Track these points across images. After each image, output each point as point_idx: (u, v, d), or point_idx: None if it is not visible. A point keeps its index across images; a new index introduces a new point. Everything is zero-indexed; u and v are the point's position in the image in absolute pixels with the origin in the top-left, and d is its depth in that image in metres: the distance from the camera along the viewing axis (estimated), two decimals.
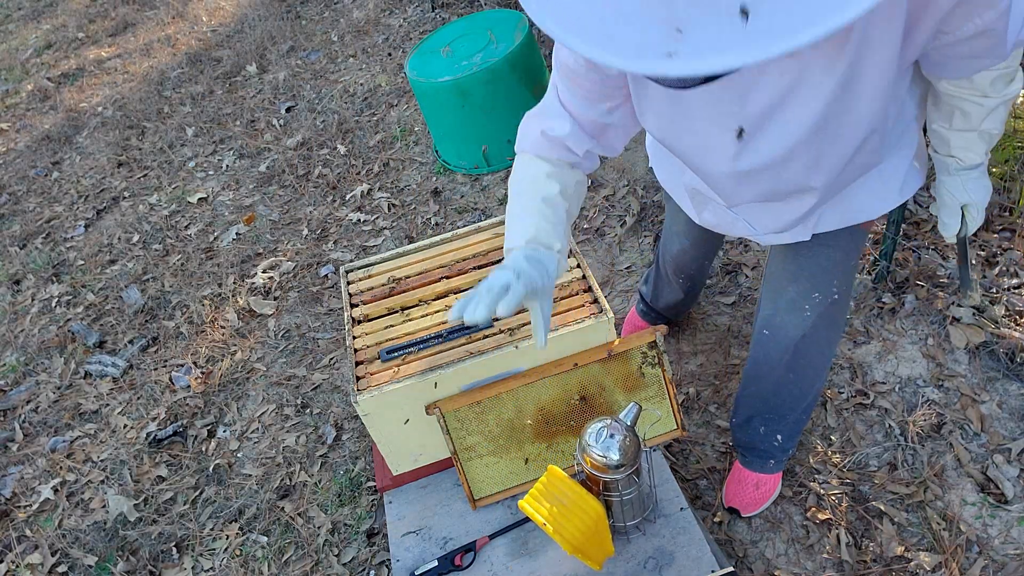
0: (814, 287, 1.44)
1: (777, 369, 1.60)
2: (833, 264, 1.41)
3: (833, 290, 1.45)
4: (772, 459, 1.78)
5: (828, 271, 1.42)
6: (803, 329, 1.50)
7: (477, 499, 1.73)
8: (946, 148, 1.26)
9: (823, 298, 1.45)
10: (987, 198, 1.28)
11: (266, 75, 4.51)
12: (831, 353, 1.60)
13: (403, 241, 2.99)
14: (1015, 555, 1.64)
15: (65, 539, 2.24)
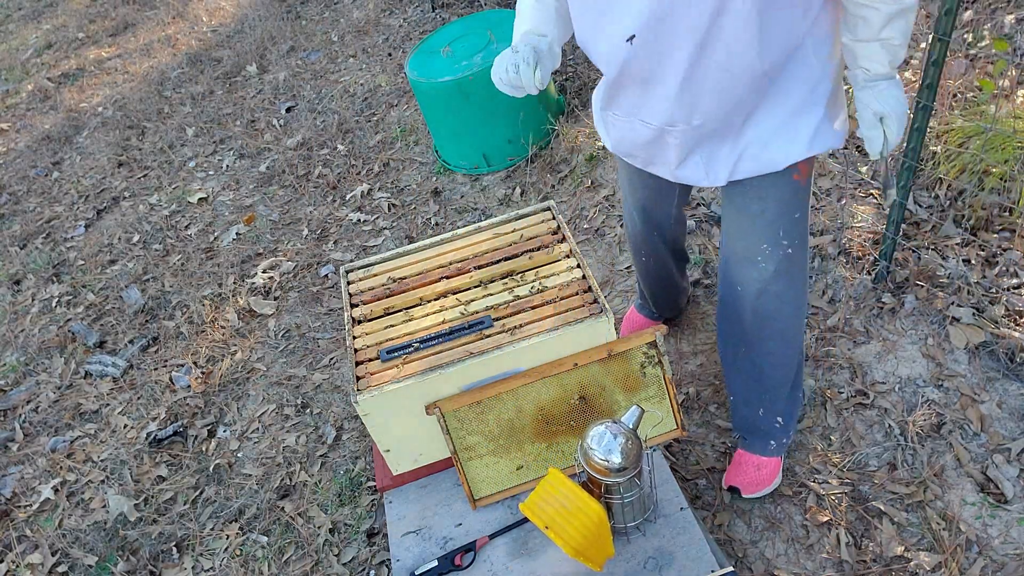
0: (761, 239, 1.52)
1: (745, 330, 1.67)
2: (773, 216, 1.49)
3: (783, 242, 1.52)
4: (772, 440, 1.80)
5: (770, 223, 1.50)
6: (759, 283, 1.57)
7: (477, 499, 1.73)
8: (855, 61, 1.33)
9: (772, 249, 1.52)
10: (902, 111, 1.32)
11: (266, 75, 4.51)
12: (795, 313, 1.63)
13: (403, 241, 2.99)
14: (1015, 555, 1.64)
15: (65, 539, 2.24)
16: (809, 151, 1.42)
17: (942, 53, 1.68)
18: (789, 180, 1.47)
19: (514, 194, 3.03)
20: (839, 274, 2.26)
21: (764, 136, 1.40)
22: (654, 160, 1.53)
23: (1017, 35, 2.56)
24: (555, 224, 1.89)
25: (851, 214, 2.38)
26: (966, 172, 2.23)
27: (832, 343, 2.12)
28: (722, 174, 1.46)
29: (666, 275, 2.06)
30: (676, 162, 1.47)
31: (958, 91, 2.44)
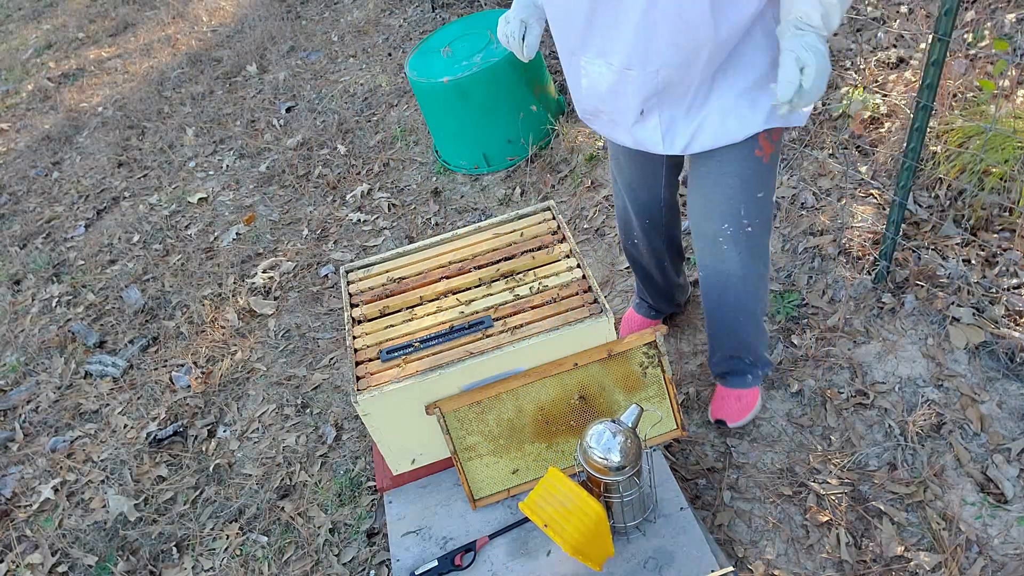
0: (722, 218, 1.60)
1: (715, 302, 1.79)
2: (734, 192, 1.56)
3: (744, 221, 1.60)
4: (748, 375, 1.96)
5: (732, 200, 1.57)
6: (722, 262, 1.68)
7: (477, 499, 1.73)
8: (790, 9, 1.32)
9: (735, 229, 1.61)
10: (826, 66, 1.31)
11: (266, 75, 4.51)
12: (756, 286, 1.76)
13: (403, 241, 2.99)
14: (1015, 555, 1.64)
15: (65, 539, 2.24)
16: (767, 123, 1.46)
17: (942, 53, 1.68)
18: (751, 156, 1.52)
19: (514, 194, 3.03)
20: (839, 274, 2.26)
21: (723, 107, 1.45)
22: (616, 118, 1.54)
23: (1017, 35, 2.56)
24: (555, 224, 1.89)
25: (851, 214, 2.38)
26: (966, 172, 2.23)
27: (832, 343, 2.13)
28: (679, 141, 1.50)
29: (656, 263, 2.06)
30: (634, 118, 1.49)
31: (958, 91, 2.44)
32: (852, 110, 2.61)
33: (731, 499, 1.88)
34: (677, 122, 1.48)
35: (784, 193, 2.55)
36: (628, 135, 1.56)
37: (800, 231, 2.43)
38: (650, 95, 1.45)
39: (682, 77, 1.40)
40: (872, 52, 2.82)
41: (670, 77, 1.40)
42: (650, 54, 1.38)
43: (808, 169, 2.59)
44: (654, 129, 1.50)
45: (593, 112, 1.59)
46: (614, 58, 1.42)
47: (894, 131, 2.52)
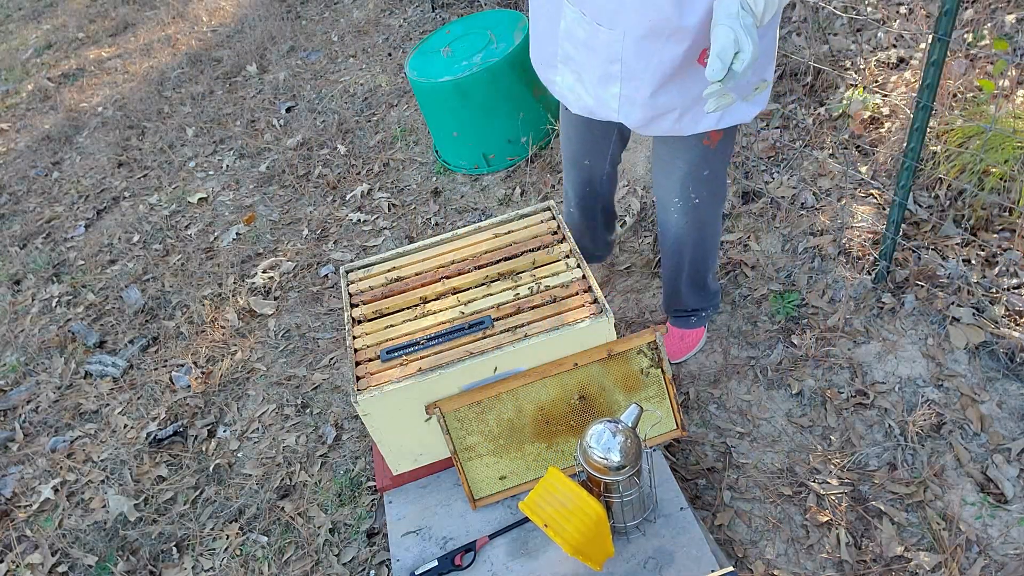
0: (673, 192, 1.81)
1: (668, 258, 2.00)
2: (682, 173, 1.75)
3: (691, 195, 1.80)
4: (692, 317, 2.18)
5: (680, 179, 1.77)
6: (675, 227, 1.88)
7: (477, 499, 1.73)
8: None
9: (682, 202, 1.82)
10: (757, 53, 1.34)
11: (266, 75, 4.51)
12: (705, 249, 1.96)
13: (403, 241, 2.99)
14: (1015, 555, 1.64)
15: (65, 539, 2.24)
16: (717, 126, 1.60)
17: (942, 53, 1.68)
18: (699, 145, 1.69)
19: (514, 194, 3.03)
20: (839, 274, 2.26)
21: (683, 104, 1.55)
22: (583, 72, 1.60)
23: (1017, 35, 2.56)
24: (555, 224, 1.89)
25: (851, 214, 2.38)
26: (966, 172, 2.23)
27: (832, 343, 2.13)
28: (633, 116, 1.59)
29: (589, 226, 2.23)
30: (597, 79, 1.57)
31: (958, 91, 2.44)
32: (852, 110, 2.61)
33: (731, 499, 1.88)
34: (636, 101, 1.56)
35: (784, 193, 2.55)
36: (590, 93, 1.62)
37: (800, 231, 2.43)
38: (615, 59, 1.51)
39: (645, 51, 1.46)
40: (872, 52, 2.82)
41: (635, 47, 1.47)
42: (618, 16, 1.44)
43: (808, 169, 2.59)
44: (614, 97, 1.58)
45: (565, 58, 1.63)
46: (588, 8, 1.50)
47: (894, 131, 2.53)
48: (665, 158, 1.76)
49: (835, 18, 2.95)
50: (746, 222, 2.55)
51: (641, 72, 1.51)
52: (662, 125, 1.60)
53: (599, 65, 1.55)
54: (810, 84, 2.82)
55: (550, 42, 1.64)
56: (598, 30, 1.49)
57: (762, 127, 2.80)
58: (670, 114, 1.57)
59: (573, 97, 1.67)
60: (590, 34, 1.52)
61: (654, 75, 1.50)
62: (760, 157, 2.71)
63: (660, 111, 1.56)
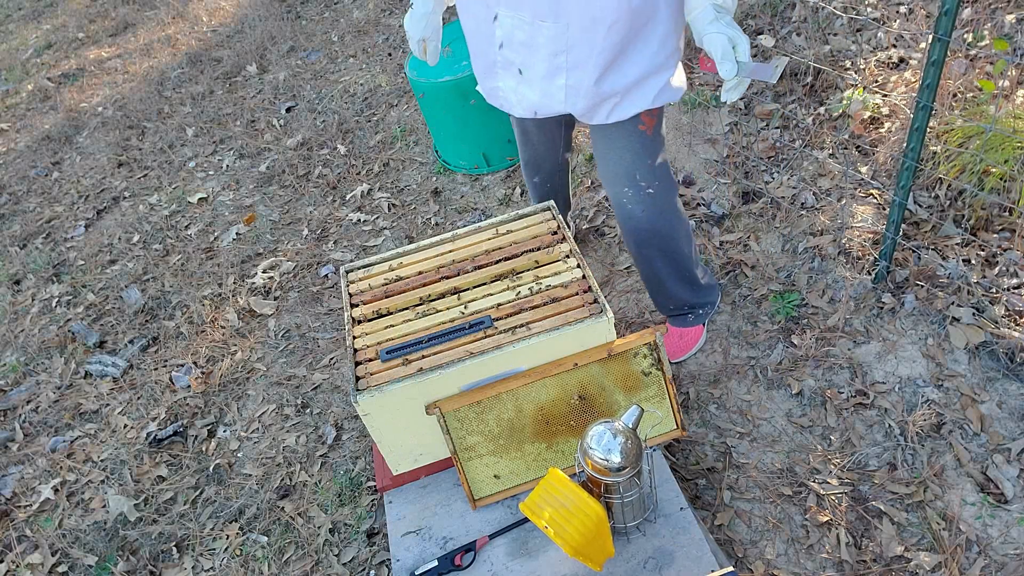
0: (623, 183, 1.83)
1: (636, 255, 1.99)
2: (627, 163, 1.79)
3: (642, 184, 1.81)
4: (689, 315, 2.18)
5: (628, 169, 1.80)
6: (631, 220, 1.88)
7: (477, 499, 1.73)
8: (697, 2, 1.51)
9: (634, 192, 1.83)
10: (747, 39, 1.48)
11: (266, 75, 4.51)
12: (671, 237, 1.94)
13: (403, 241, 2.99)
14: (1015, 555, 1.64)
15: (65, 539, 2.24)
16: (654, 103, 1.68)
17: (942, 53, 1.68)
18: (636, 131, 1.74)
19: (514, 194, 3.03)
20: (839, 274, 2.26)
21: (625, 86, 1.64)
22: (527, 73, 1.67)
23: (1017, 35, 2.56)
24: (555, 224, 1.89)
25: (851, 214, 2.38)
26: (966, 172, 2.23)
27: (832, 343, 2.13)
28: (578, 105, 1.67)
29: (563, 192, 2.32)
30: (543, 74, 1.64)
31: (958, 91, 2.44)
32: (852, 110, 2.61)
33: (731, 499, 1.88)
34: (581, 90, 1.63)
35: (784, 193, 2.55)
36: (536, 91, 1.68)
37: (800, 231, 2.43)
38: (560, 51, 1.59)
39: (590, 38, 1.54)
40: (872, 52, 2.82)
41: (579, 37, 1.55)
42: (562, 8, 1.52)
43: (808, 169, 2.60)
44: (560, 89, 1.65)
45: (505, 63, 1.69)
46: (525, 11, 1.57)
47: (894, 131, 2.53)
48: (608, 152, 1.82)
49: (835, 18, 2.95)
50: (746, 222, 2.55)
51: (586, 60, 1.58)
52: (603, 111, 1.69)
53: (544, 60, 1.62)
54: (810, 84, 2.82)
55: (488, 52, 1.71)
56: (540, 27, 1.56)
57: (762, 127, 2.80)
58: (612, 99, 1.66)
59: (516, 99, 1.74)
60: (530, 33, 1.59)
61: (598, 62, 1.58)
62: (760, 157, 2.71)
63: (603, 97, 1.65)
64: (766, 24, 3.10)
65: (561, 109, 1.70)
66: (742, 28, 3.12)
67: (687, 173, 2.78)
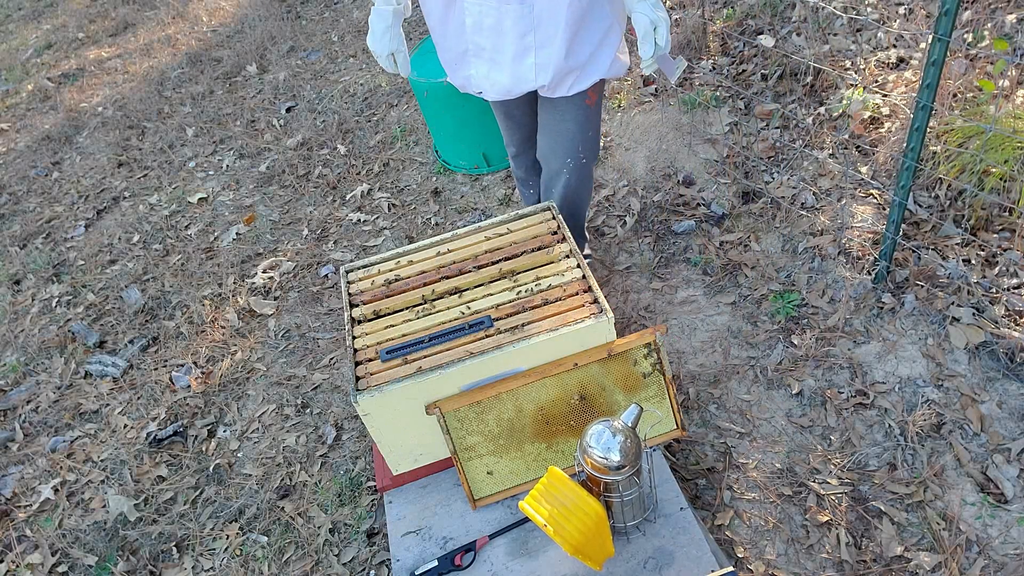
0: (566, 154, 1.99)
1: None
2: (573, 135, 1.94)
3: (579, 154, 1.99)
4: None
5: (572, 140, 1.95)
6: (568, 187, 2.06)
7: (477, 499, 1.73)
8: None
9: (573, 161, 2.00)
10: (668, 20, 1.68)
11: (266, 75, 4.51)
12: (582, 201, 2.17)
13: (403, 241, 2.99)
14: (1015, 555, 1.64)
15: (65, 539, 2.24)
16: (608, 74, 1.83)
17: (942, 53, 1.68)
18: (582, 104, 1.89)
19: (514, 194, 3.03)
20: (839, 274, 2.26)
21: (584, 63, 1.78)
22: (496, 56, 1.77)
23: (1017, 35, 2.56)
24: (555, 224, 1.89)
25: (851, 214, 2.38)
26: (966, 172, 2.23)
27: (832, 343, 2.13)
28: (546, 80, 1.78)
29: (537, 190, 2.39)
30: (512, 56, 1.74)
31: (958, 91, 2.44)
32: (852, 110, 2.61)
33: (731, 499, 1.88)
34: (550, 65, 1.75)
35: (784, 193, 2.55)
36: (506, 73, 1.79)
37: (800, 231, 2.43)
38: (528, 31, 1.70)
39: (554, 16, 1.67)
40: (872, 52, 2.82)
41: (542, 14, 1.67)
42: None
43: (808, 169, 2.60)
44: (529, 68, 1.76)
45: (477, 50, 1.78)
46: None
47: (894, 131, 2.53)
48: (556, 124, 1.94)
49: (835, 18, 2.95)
50: (746, 222, 2.55)
51: (553, 37, 1.70)
52: (567, 83, 1.81)
53: (513, 42, 1.72)
54: (810, 84, 2.82)
55: (458, 42, 1.80)
56: (507, 10, 1.67)
57: (762, 127, 2.80)
58: (575, 71, 1.79)
59: (488, 84, 1.83)
60: (497, 18, 1.69)
61: (564, 37, 1.70)
62: (760, 157, 2.71)
63: (569, 70, 1.77)
64: (766, 24, 3.10)
65: (531, 86, 1.81)
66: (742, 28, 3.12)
67: (687, 173, 2.78)
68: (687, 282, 2.47)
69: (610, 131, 3.09)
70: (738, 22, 3.20)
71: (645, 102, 3.12)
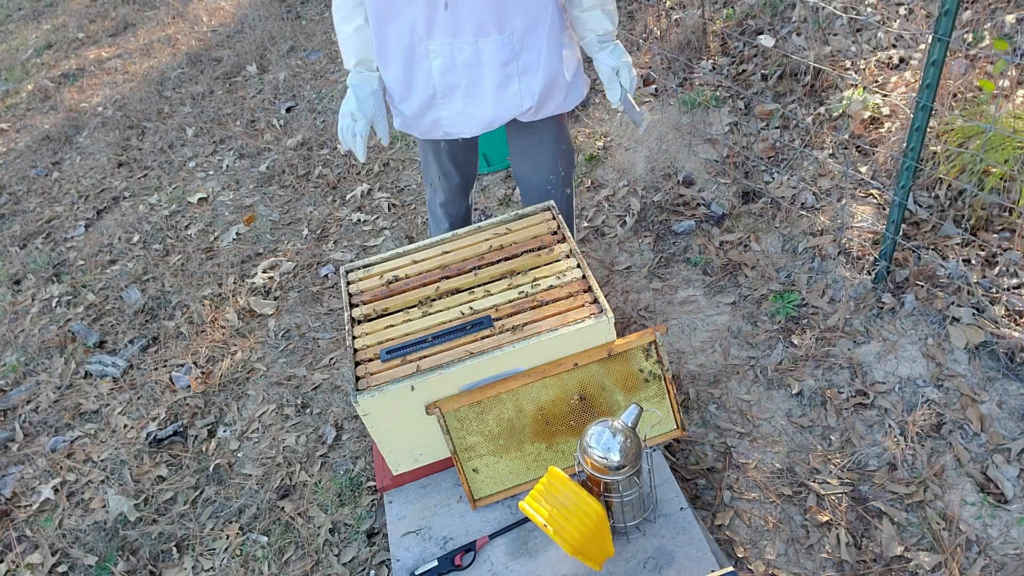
0: (550, 171, 2.01)
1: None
2: (554, 152, 1.97)
3: (560, 169, 2.02)
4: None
5: (553, 157, 1.99)
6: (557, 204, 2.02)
7: (477, 499, 1.73)
8: (586, 28, 1.76)
9: (556, 177, 2.03)
10: (630, 62, 1.77)
11: (266, 75, 4.51)
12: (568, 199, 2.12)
13: (403, 241, 2.99)
14: (1015, 555, 1.64)
15: (65, 539, 2.24)
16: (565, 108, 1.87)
17: (942, 53, 1.68)
18: (557, 120, 1.92)
19: (514, 194, 3.03)
20: (839, 274, 2.26)
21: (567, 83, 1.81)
22: (473, 91, 1.75)
23: (1017, 35, 2.56)
24: (555, 224, 1.89)
25: (851, 214, 2.38)
26: (966, 172, 2.23)
27: (832, 343, 2.13)
28: (534, 103, 1.78)
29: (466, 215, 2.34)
30: (495, 87, 1.73)
31: (958, 91, 2.44)
32: (852, 110, 2.61)
33: (731, 499, 1.88)
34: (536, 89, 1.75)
35: (784, 193, 2.55)
36: (488, 105, 1.76)
37: (800, 231, 2.43)
38: (509, 59, 1.70)
39: (535, 41, 1.69)
40: (872, 52, 2.82)
41: (525, 42, 1.68)
42: (503, 20, 1.63)
43: (808, 169, 2.60)
44: (514, 95, 1.75)
45: (447, 91, 1.75)
46: (467, 32, 1.64)
47: (894, 131, 2.53)
48: (536, 146, 1.95)
49: (835, 18, 2.95)
50: (746, 222, 2.55)
51: (535, 62, 1.71)
52: (552, 104, 1.81)
53: (494, 72, 1.71)
54: (810, 84, 2.82)
55: (424, 90, 1.76)
56: (485, 43, 1.66)
57: (762, 127, 2.80)
58: (561, 92, 1.81)
59: (465, 120, 1.80)
60: (474, 52, 1.68)
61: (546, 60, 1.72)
62: (760, 157, 2.71)
63: (553, 91, 1.79)
64: (766, 24, 3.10)
65: (516, 113, 1.79)
66: (742, 28, 3.12)
67: (687, 173, 2.79)
68: (687, 282, 2.47)
69: (610, 131, 3.09)
70: (738, 22, 3.20)
71: (645, 102, 3.12)
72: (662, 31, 3.36)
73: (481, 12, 1.62)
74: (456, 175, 2.12)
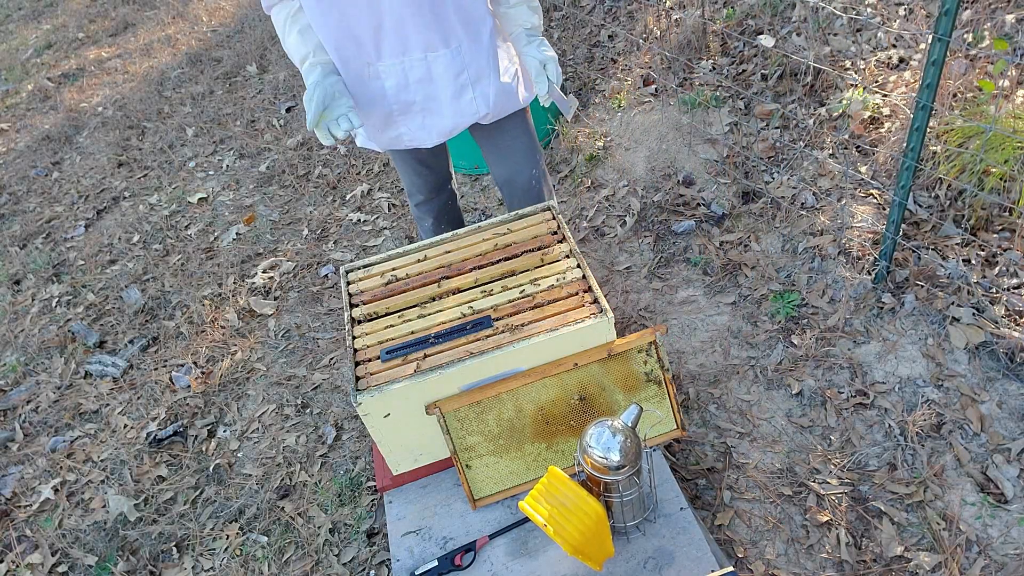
0: (530, 167, 2.02)
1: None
2: (528, 146, 2.00)
3: (538, 159, 2.04)
4: None
5: (529, 151, 2.01)
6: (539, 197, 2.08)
7: (477, 499, 1.73)
8: (513, 24, 1.78)
9: (537, 171, 2.05)
10: (555, 56, 1.78)
11: (266, 75, 4.51)
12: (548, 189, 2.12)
13: (403, 241, 2.99)
14: (1015, 555, 1.64)
15: (65, 539, 2.24)
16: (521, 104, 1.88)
17: (942, 53, 1.68)
18: (524, 115, 1.96)
19: None
20: (839, 274, 2.26)
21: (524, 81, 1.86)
22: (431, 105, 1.76)
23: (1017, 35, 2.56)
24: (555, 224, 1.89)
25: (851, 214, 2.38)
26: (966, 172, 2.23)
27: (832, 343, 2.13)
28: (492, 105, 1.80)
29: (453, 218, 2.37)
30: (451, 97, 1.75)
31: (958, 91, 2.44)
32: (852, 110, 2.61)
33: (731, 499, 1.88)
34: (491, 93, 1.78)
35: (784, 193, 2.55)
36: (447, 115, 1.78)
37: (800, 231, 2.43)
38: (461, 70, 1.72)
39: (479, 47, 1.71)
40: (872, 52, 2.82)
41: (472, 49, 1.70)
42: (447, 35, 1.65)
43: (808, 169, 2.60)
44: (470, 102, 1.78)
45: (404, 108, 1.76)
46: (415, 50, 1.66)
47: (894, 131, 2.53)
48: (510, 142, 1.98)
49: (835, 18, 2.95)
50: (746, 222, 2.55)
51: (485, 67, 1.75)
52: (513, 100, 1.84)
53: (448, 84, 1.73)
54: (810, 84, 2.82)
55: (380, 108, 1.76)
56: (435, 58, 1.68)
57: (762, 127, 2.80)
58: (517, 90, 1.84)
59: (425, 133, 1.81)
60: (426, 69, 1.70)
61: (492, 65, 1.76)
62: (760, 157, 2.71)
63: (508, 91, 1.82)
64: (766, 24, 3.10)
65: (474, 119, 1.82)
66: (742, 28, 3.12)
67: (687, 173, 2.79)
68: (687, 282, 2.47)
69: (610, 131, 3.09)
70: (738, 22, 3.20)
71: (645, 102, 3.12)
72: (662, 31, 3.36)
73: (427, 29, 1.63)
74: (430, 173, 2.14)
